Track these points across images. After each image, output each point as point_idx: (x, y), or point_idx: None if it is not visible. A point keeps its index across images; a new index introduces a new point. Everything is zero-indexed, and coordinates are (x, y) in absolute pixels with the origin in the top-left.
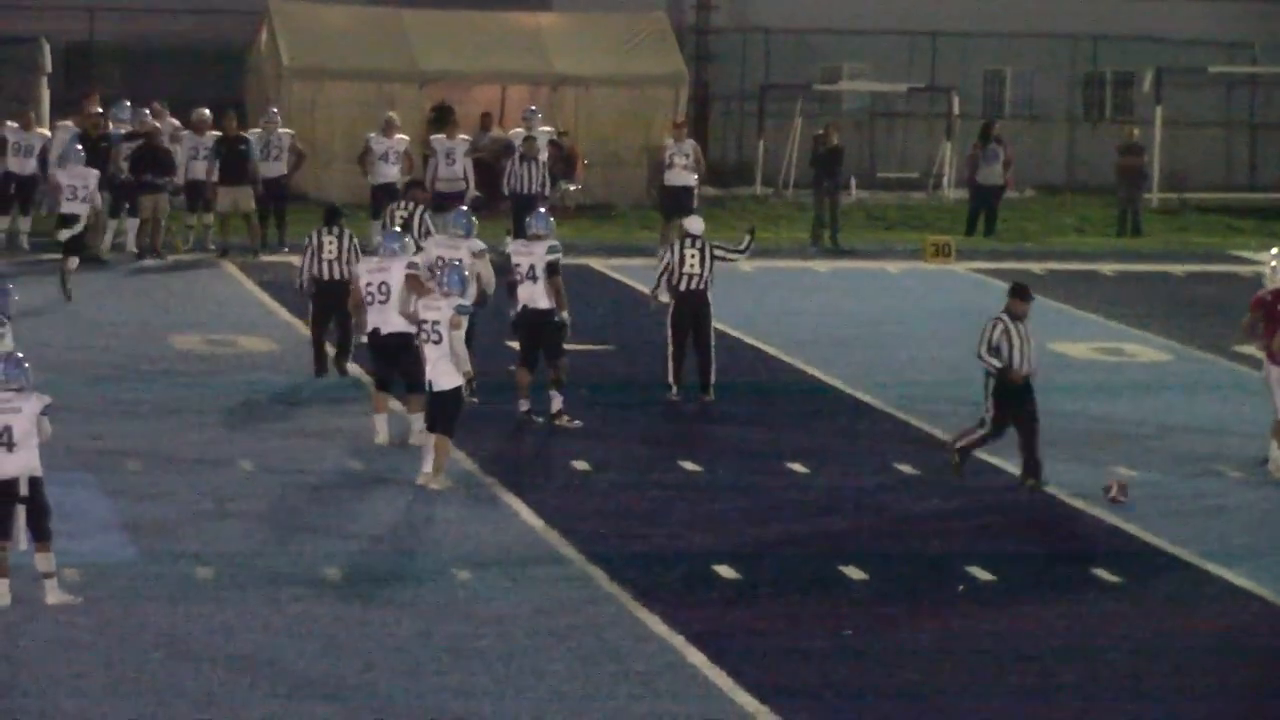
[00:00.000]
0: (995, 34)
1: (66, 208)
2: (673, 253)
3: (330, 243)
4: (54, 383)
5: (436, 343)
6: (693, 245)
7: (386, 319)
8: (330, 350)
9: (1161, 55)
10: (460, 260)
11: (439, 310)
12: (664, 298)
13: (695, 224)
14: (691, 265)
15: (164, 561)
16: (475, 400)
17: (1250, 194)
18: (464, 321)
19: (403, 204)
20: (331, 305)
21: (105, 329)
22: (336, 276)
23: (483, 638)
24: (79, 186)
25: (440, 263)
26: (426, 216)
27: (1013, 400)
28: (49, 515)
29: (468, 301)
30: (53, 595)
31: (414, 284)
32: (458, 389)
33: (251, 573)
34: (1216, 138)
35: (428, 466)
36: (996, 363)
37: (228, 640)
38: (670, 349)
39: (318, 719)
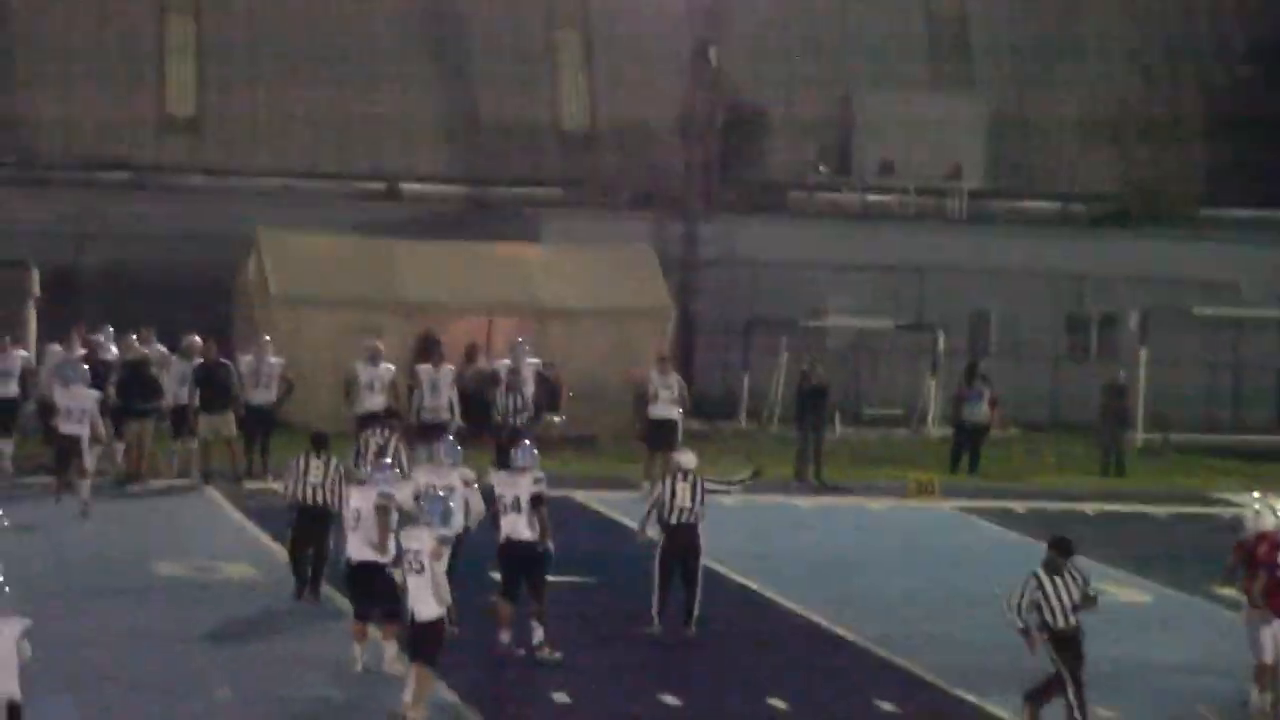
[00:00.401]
0: (982, 271)
1: (65, 428)
2: (664, 487)
3: (317, 467)
4: (35, 606)
5: (419, 572)
6: (684, 479)
7: (358, 547)
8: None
9: (1146, 297)
10: (448, 490)
11: (421, 540)
12: (652, 532)
13: (687, 458)
14: (683, 499)
15: None
16: (456, 630)
17: (1233, 435)
18: (445, 552)
19: (378, 431)
20: (313, 530)
21: (87, 553)
22: (320, 501)
23: None
24: (76, 409)
25: (427, 492)
26: (401, 446)
27: (1066, 652)
28: None
29: (450, 532)
30: None
31: (382, 514)
32: (439, 619)
33: None
34: (1200, 378)
35: (408, 696)
36: (1019, 623)
37: None
38: (657, 581)
39: None
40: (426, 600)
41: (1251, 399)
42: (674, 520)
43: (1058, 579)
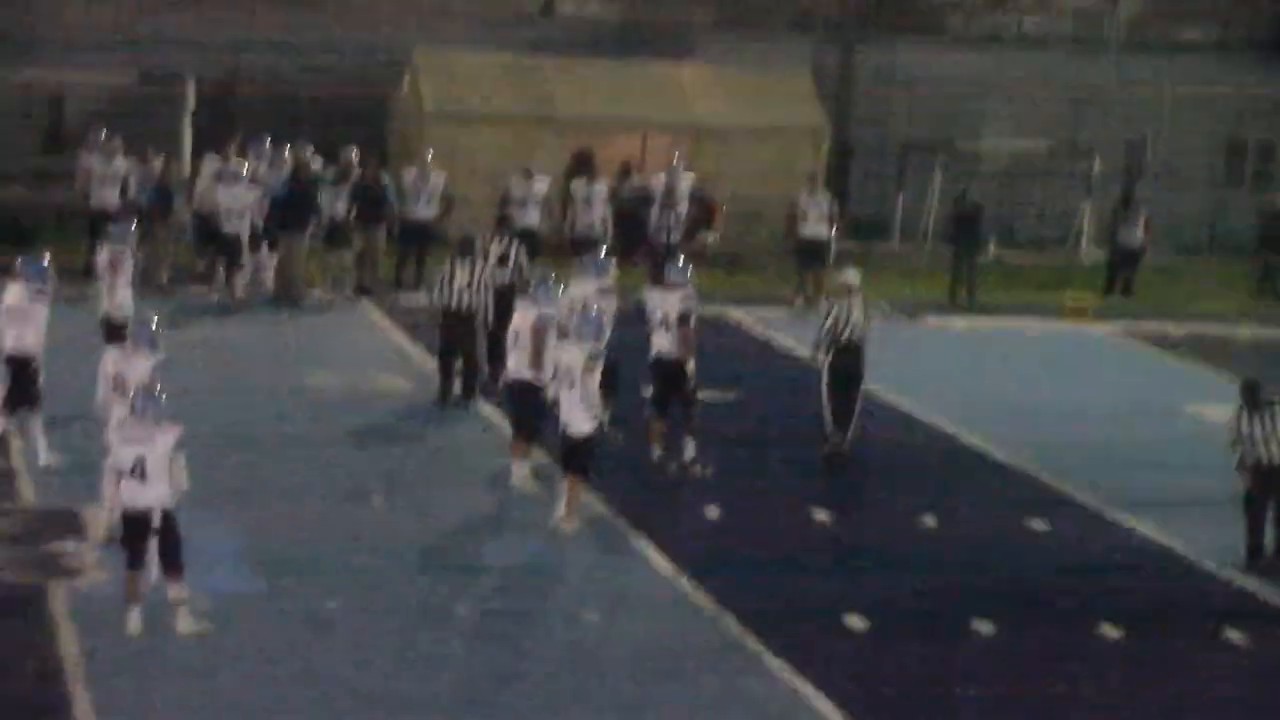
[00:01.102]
0: (1138, 97)
1: (226, 227)
2: (833, 307)
3: (462, 272)
4: (188, 416)
5: (570, 388)
6: (849, 297)
7: (516, 366)
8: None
9: None
10: (598, 306)
11: (572, 355)
12: (823, 355)
13: (851, 276)
14: (848, 318)
15: (295, 594)
16: (619, 438)
17: None
18: (597, 367)
19: (498, 238)
20: (460, 335)
21: (241, 365)
22: (465, 305)
23: (610, 682)
24: (237, 207)
25: (580, 308)
26: (522, 250)
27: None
28: (181, 547)
29: (601, 347)
30: (184, 624)
31: (539, 335)
32: (591, 434)
33: (382, 608)
34: None
35: (561, 508)
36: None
37: (356, 673)
38: (826, 399)
39: None
40: (578, 415)
41: None
42: (843, 338)
43: (1256, 416)
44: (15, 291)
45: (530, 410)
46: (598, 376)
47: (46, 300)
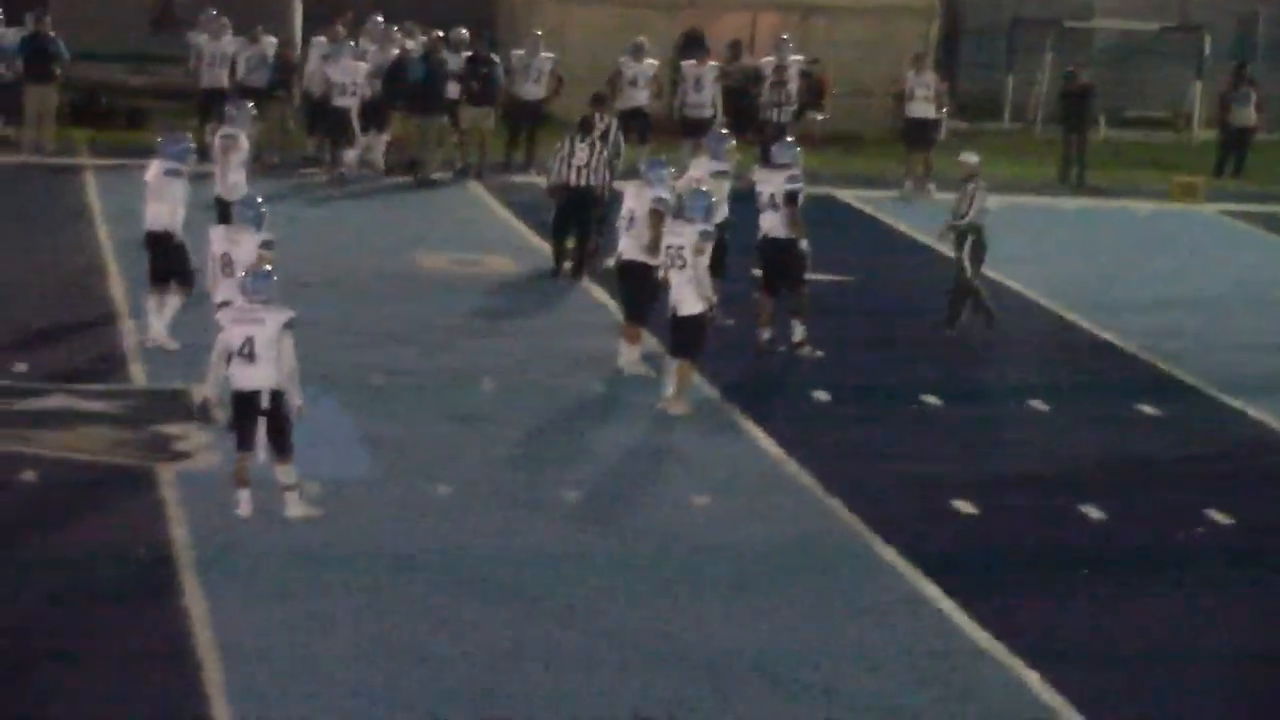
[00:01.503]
0: None
1: (337, 101)
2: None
3: (582, 150)
4: (300, 298)
5: (680, 268)
6: (969, 181)
7: (630, 247)
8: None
9: None
10: (709, 186)
11: (683, 235)
12: (944, 238)
13: (970, 159)
14: (964, 203)
15: (403, 479)
16: (729, 322)
17: None
18: (707, 248)
19: (598, 116)
20: (576, 211)
21: (351, 246)
22: (584, 183)
23: (716, 566)
24: (347, 83)
25: (691, 187)
26: (618, 128)
27: None
28: (290, 429)
29: (712, 228)
30: (293, 508)
31: (655, 218)
32: (700, 315)
33: (489, 493)
34: None
35: (670, 390)
36: None
37: (462, 560)
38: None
39: (553, 642)
40: (688, 296)
41: None
42: (960, 221)
43: None
44: (153, 169)
45: (642, 293)
46: (708, 258)
47: (183, 178)
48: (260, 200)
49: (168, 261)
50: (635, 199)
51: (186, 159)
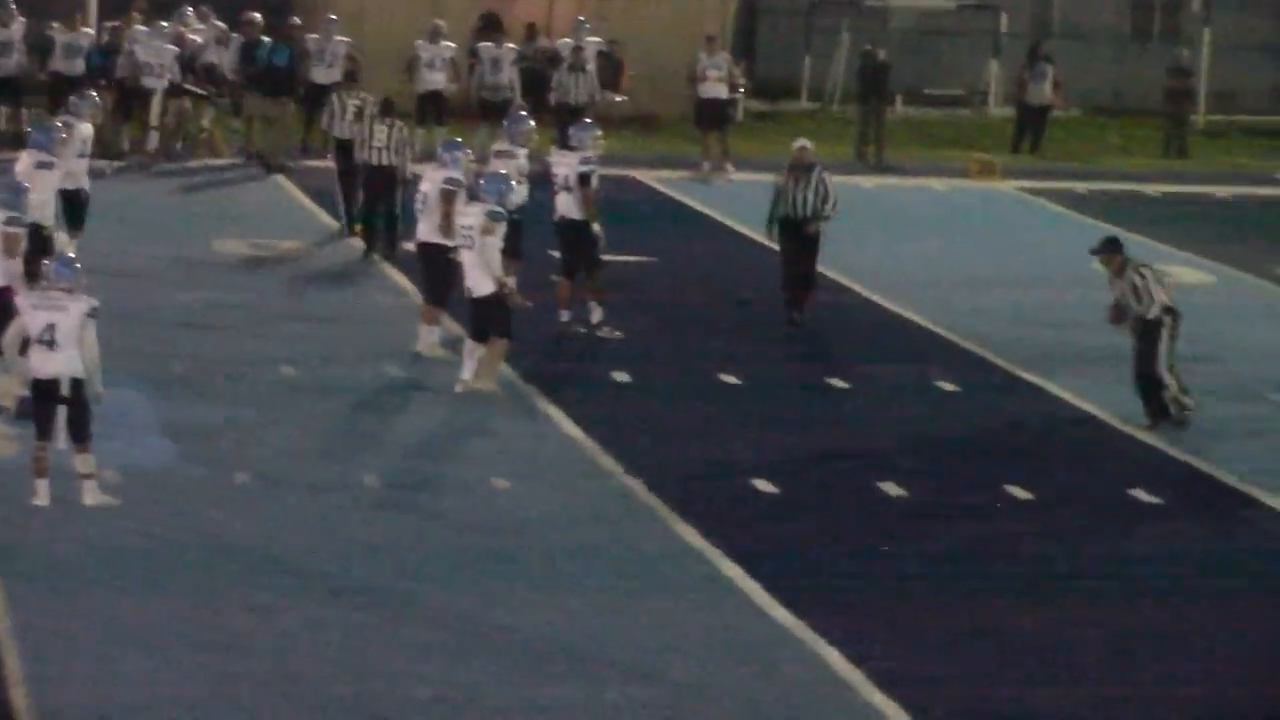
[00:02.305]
0: None
1: (145, 81)
2: (785, 180)
3: (381, 131)
4: (101, 284)
5: (470, 248)
6: (801, 170)
7: (426, 229)
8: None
9: None
10: (501, 166)
11: (474, 215)
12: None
13: (804, 146)
14: (800, 191)
15: (204, 466)
16: (528, 304)
17: None
18: (496, 228)
19: (355, 92)
20: (380, 191)
21: (148, 232)
22: (386, 163)
23: (521, 547)
24: (155, 64)
25: (488, 169)
26: (374, 108)
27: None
28: (89, 418)
29: (503, 209)
30: (91, 496)
31: (447, 199)
32: (495, 295)
33: (291, 478)
34: (1264, 60)
35: (466, 373)
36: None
37: (267, 544)
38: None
39: (355, 624)
40: (479, 275)
41: None
42: (796, 214)
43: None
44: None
45: (439, 275)
46: (499, 238)
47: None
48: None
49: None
50: (430, 181)
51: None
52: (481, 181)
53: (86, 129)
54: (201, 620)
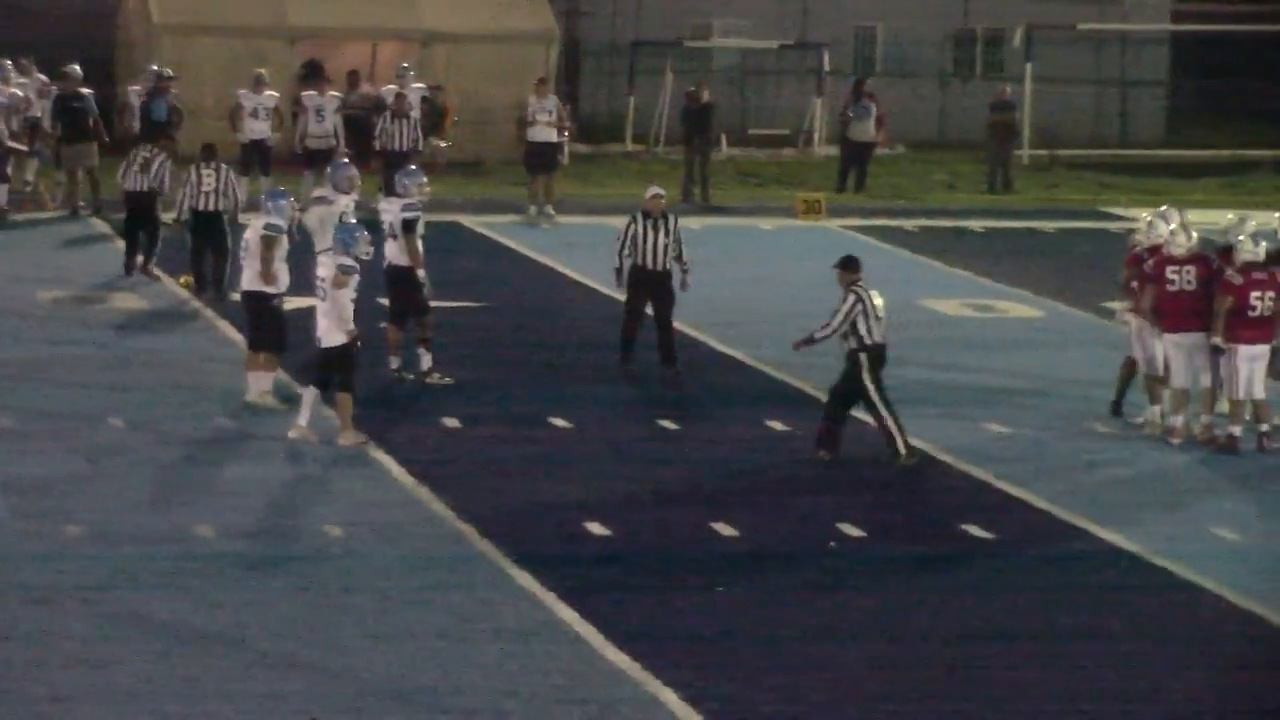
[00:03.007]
0: None
1: None
2: (631, 226)
3: (209, 175)
4: None
5: (323, 299)
6: (656, 217)
7: (249, 277)
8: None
9: (1031, 12)
10: (352, 220)
11: (325, 267)
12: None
13: (657, 193)
14: (653, 238)
15: (35, 519)
16: (395, 369)
17: (1121, 150)
18: (349, 280)
19: (150, 147)
20: (211, 233)
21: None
22: (215, 207)
23: (355, 594)
24: None
25: (339, 219)
26: (168, 164)
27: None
28: None
29: (353, 260)
30: None
31: (268, 246)
32: (346, 345)
33: (123, 530)
34: (1087, 94)
35: (303, 420)
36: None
37: (100, 596)
38: (625, 323)
39: (192, 672)
40: (330, 327)
41: (1137, 114)
42: (646, 264)
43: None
44: None
45: (264, 322)
46: (351, 289)
47: None
48: None
49: None
50: (251, 229)
51: None
52: (335, 233)
53: None
54: (31, 673)
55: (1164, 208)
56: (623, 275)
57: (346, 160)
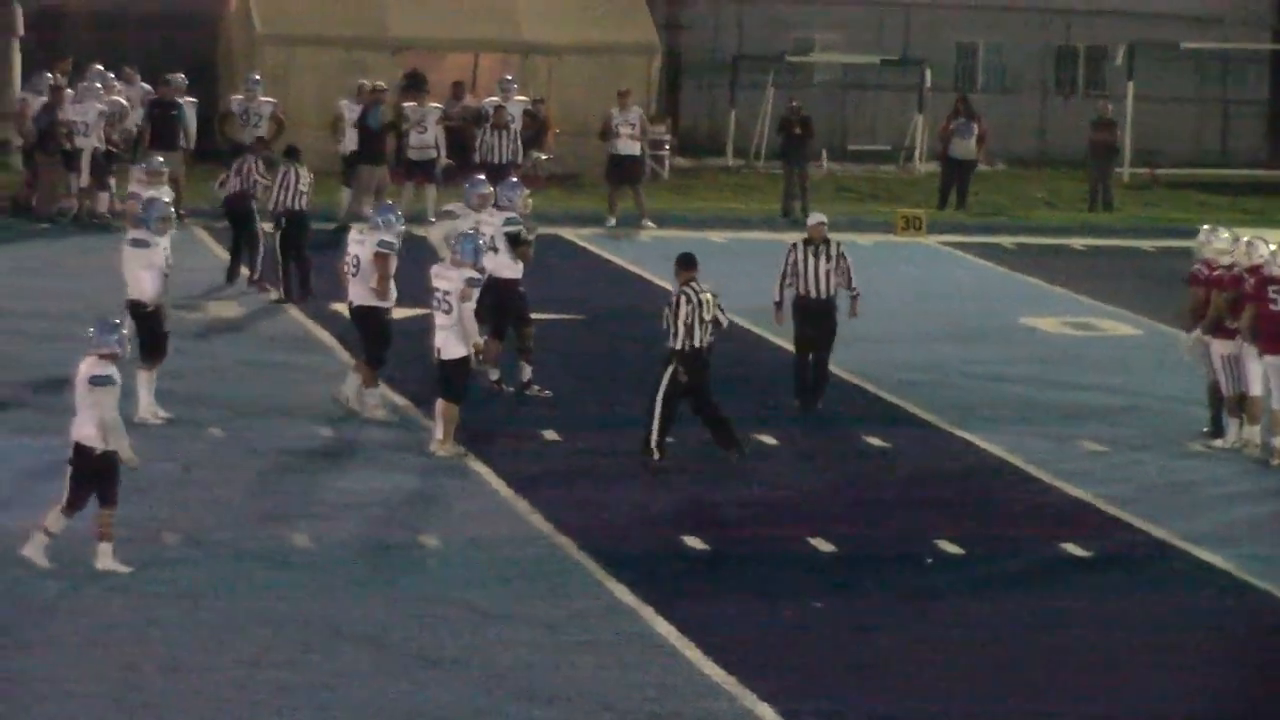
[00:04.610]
0: (968, 6)
1: (79, 142)
2: (791, 255)
3: (304, 176)
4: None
5: (446, 312)
6: (820, 245)
7: (359, 292)
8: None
9: (1133, 30)
10: (474, 230)
11: (450, 280)
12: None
13: (819, 221)
14: (818, 269)
15: (133, 527)
16: (494, 373)
17: (1221, 169)
18: (474, 293)
19: (249, 157)
20: (298, 234)
21: (66, 292)
22: (303, 208)
23: (450, 606)
24: (81, 123)
25: (460, 232)
26: (262, 173)
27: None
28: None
29: (478, 273)
30: (102, 560)
31: (381, 262)
32: (465, 358)
33: (219, 539)
34: (1188, 113)
35: (438, 433)
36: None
37: (194, 607)
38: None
39: (281, 685)
40: (453, 340)
41: (1238, 132)
42: (809, 295)
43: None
44: None
45: (376, 336)
46: (474, 303)
47: None
48: None
49: None
50: (361, 245)
51: None
52: (455, 244)
53: None
54: (125, 680)
55: (1213, 228)
56: (783, 307)
57: (516, 181)
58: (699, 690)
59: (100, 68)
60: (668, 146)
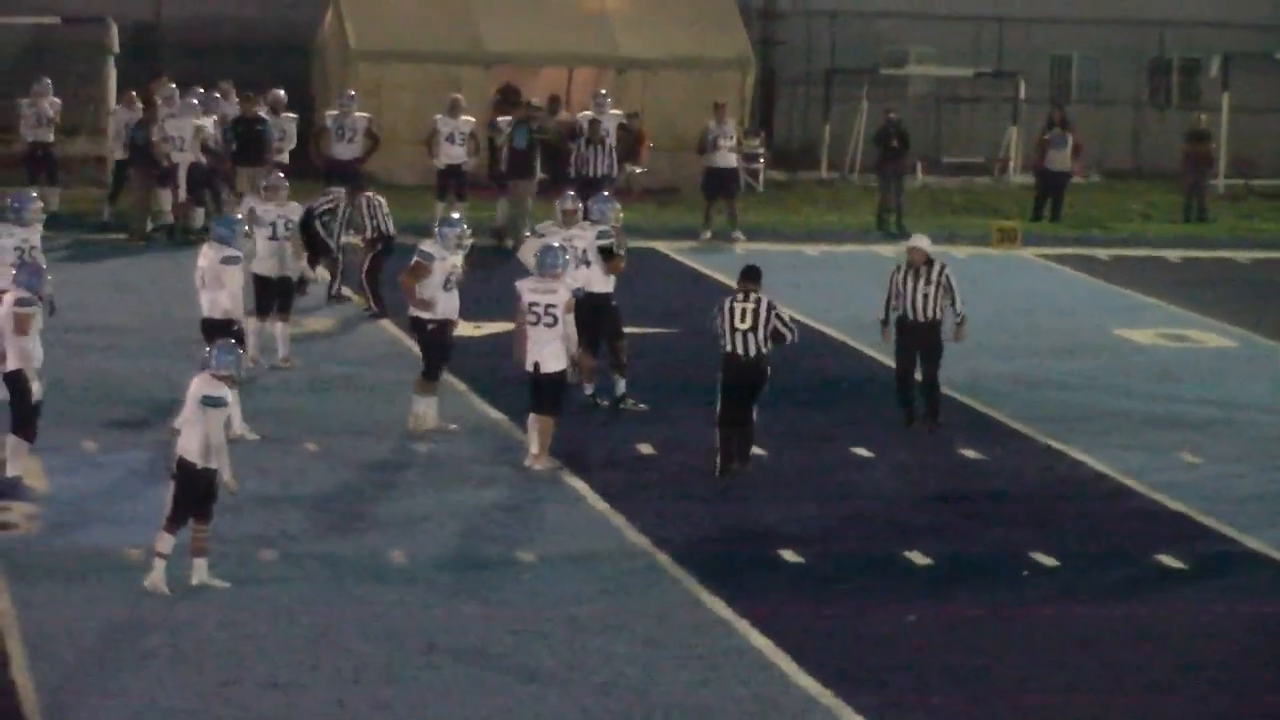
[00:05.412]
0: (1062, 19)
1: (176, 157)
2: (895, 277)
3: (383, 201)
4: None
5: (550, 325)
6: (922, 268)
7: (421, 305)
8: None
9: (1228, 41)
10: (560, 245)
11: (555, 294)
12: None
13: (923, 243)
14: (919, 291)
15: (228, 543)
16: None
17: None
18: (574, 304)
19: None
20: (388, 256)
21: (148, 305)
22: (392, 232)
23: (547, 621)
24: (176, 138)
25: (558, 244)
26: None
27: None
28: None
29: (579, 285)
30: (198, 575)
31: (418, 271)
32: (563, 372)
33: (314, 556)
34: None
35: (534, 447)
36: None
37: (290, 623)
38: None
39: (380, 702)
40: (554, 353)
41: None
42: (909, 316)
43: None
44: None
45: (436, 347)
46: (573, 315)
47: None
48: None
49: None
50: (442, 269)
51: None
52: (543, 258)
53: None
54: (222, 697)
55: None
56: (889, 324)
57: (607, 195)
58: (796, 704)
59: (201, 90)
60: (762, 160)
